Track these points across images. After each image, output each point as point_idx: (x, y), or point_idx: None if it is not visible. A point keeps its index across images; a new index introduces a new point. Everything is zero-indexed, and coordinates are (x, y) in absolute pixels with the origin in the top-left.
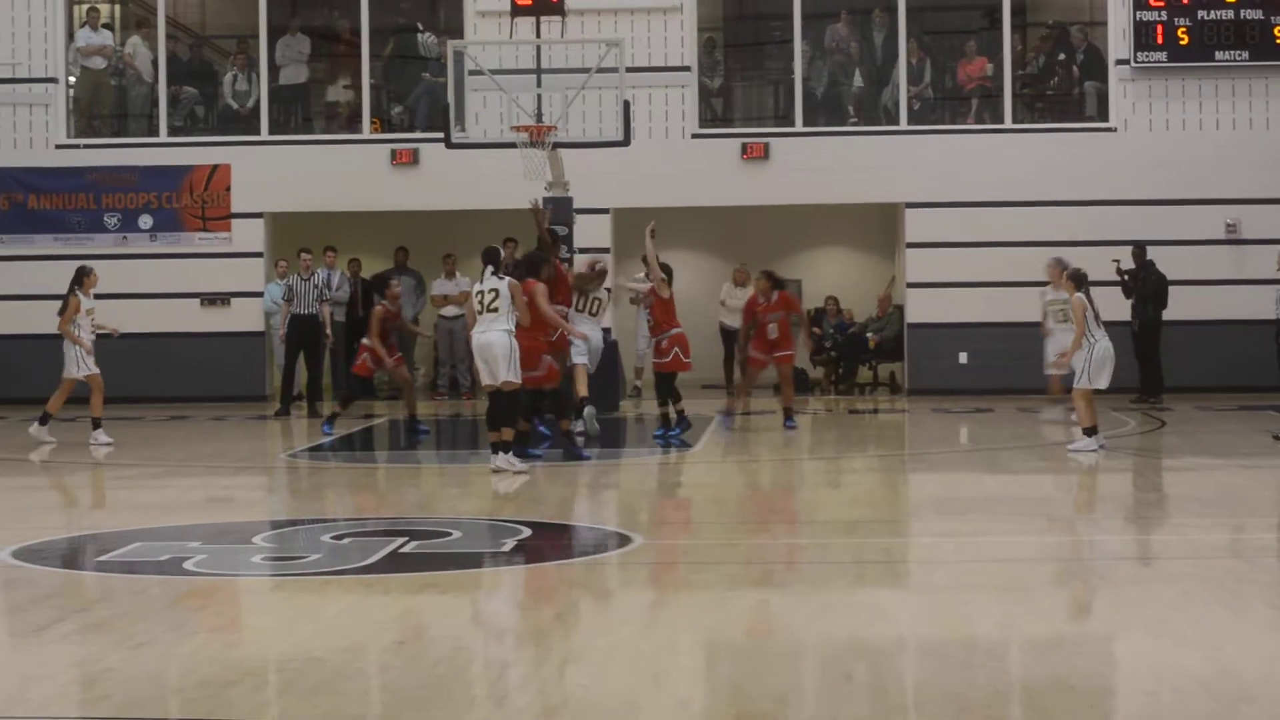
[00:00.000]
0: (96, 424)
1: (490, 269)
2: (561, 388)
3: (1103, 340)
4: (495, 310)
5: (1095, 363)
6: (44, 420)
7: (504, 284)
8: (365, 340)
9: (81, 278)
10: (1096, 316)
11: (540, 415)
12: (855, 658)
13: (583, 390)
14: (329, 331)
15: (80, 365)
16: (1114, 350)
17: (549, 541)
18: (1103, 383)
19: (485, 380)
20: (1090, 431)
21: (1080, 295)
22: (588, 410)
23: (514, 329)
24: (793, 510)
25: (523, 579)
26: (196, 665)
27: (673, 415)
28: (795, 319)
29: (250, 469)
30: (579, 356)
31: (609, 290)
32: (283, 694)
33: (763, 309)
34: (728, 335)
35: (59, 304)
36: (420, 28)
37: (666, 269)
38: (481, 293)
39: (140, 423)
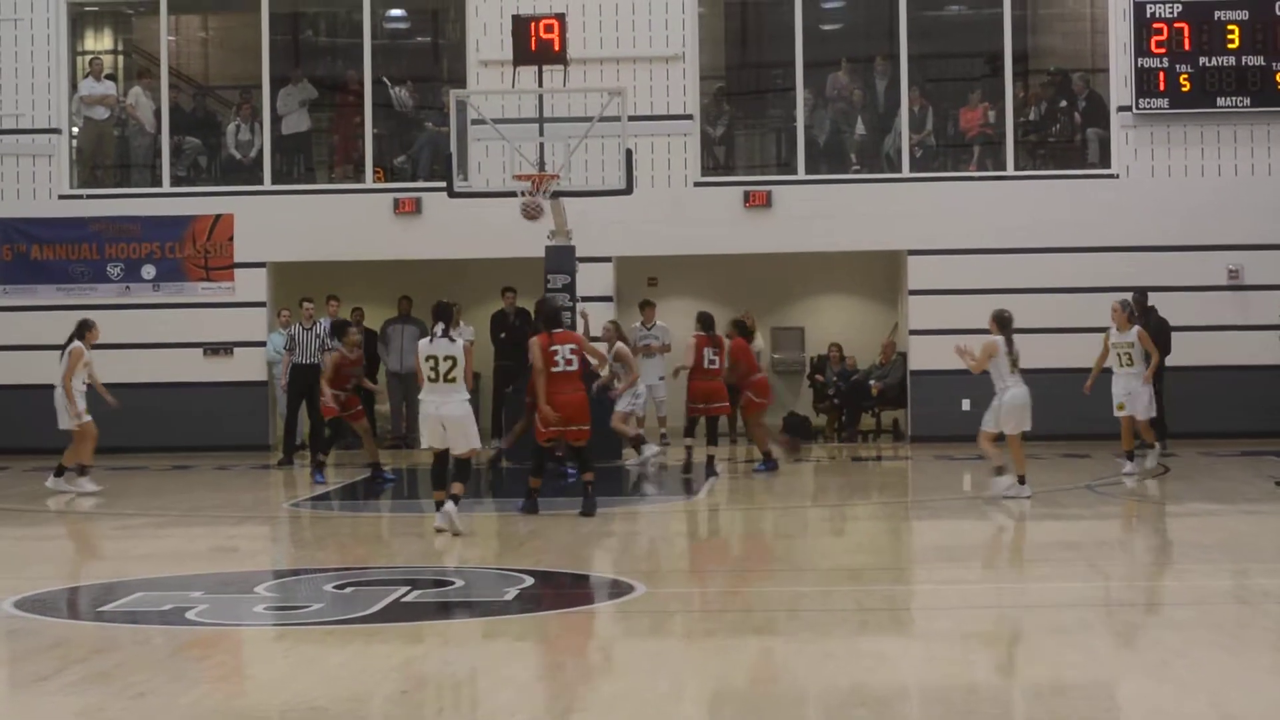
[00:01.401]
0: (83, 470)
1: (441, 327)
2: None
3: (1015, 388)
4: (453, 380)
5: (1005, 409)
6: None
7: (459, 348)
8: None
9: (84, 331)
10: (1014, 363)
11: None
12: (858, 705)
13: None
14: None
15: (69, 416)
16: (1030, 397)
17: (552, 590)
18: (1010, 428)
19: (433, 444)
20: (1000, 471)
21: (998, 339)
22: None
23: (469, 398)
24: (795, 558)
25: (525, 628)
26: (198, 716)
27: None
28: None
29: (253, 519)
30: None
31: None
32: None
33: None
34: None
35: (60, 354)
36: (388, 82)
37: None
38: (435, 359)
39: (143, 472)
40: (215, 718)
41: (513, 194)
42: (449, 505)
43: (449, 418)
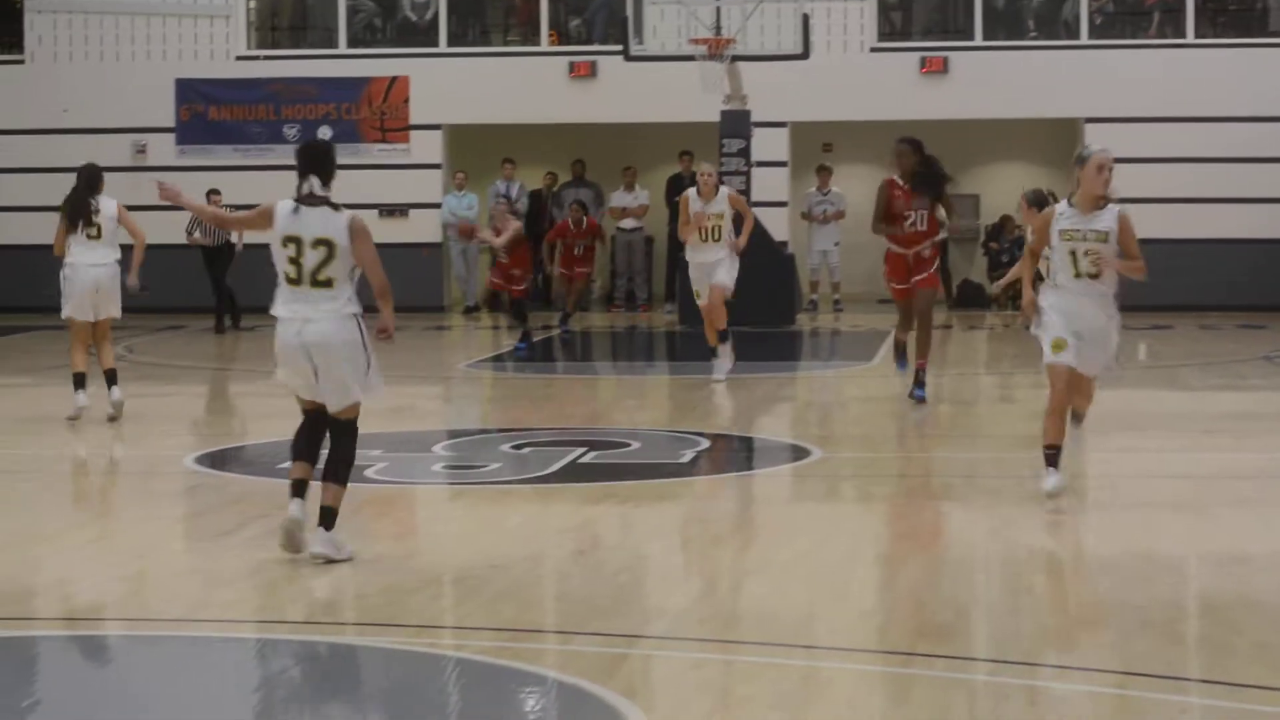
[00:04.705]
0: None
1: (314, 183)
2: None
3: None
4: (327, 283)
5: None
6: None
7: (342, 224)
8: None
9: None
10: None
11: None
12: (1035, 571)
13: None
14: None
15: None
16: None
17: (728, 453)
18: None
19: (295, 388)
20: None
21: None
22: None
23: (360, 310)
24: (970, 424)
25: (702, 490)
26: (379, 572)
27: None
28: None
29: (429, 379)
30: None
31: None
32: (464, 601)
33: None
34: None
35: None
36: None
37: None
38: (298, 242)
39: None
40: (395, 575)
41: (689, 58)
42: (320, 537)
43: (318, 345)
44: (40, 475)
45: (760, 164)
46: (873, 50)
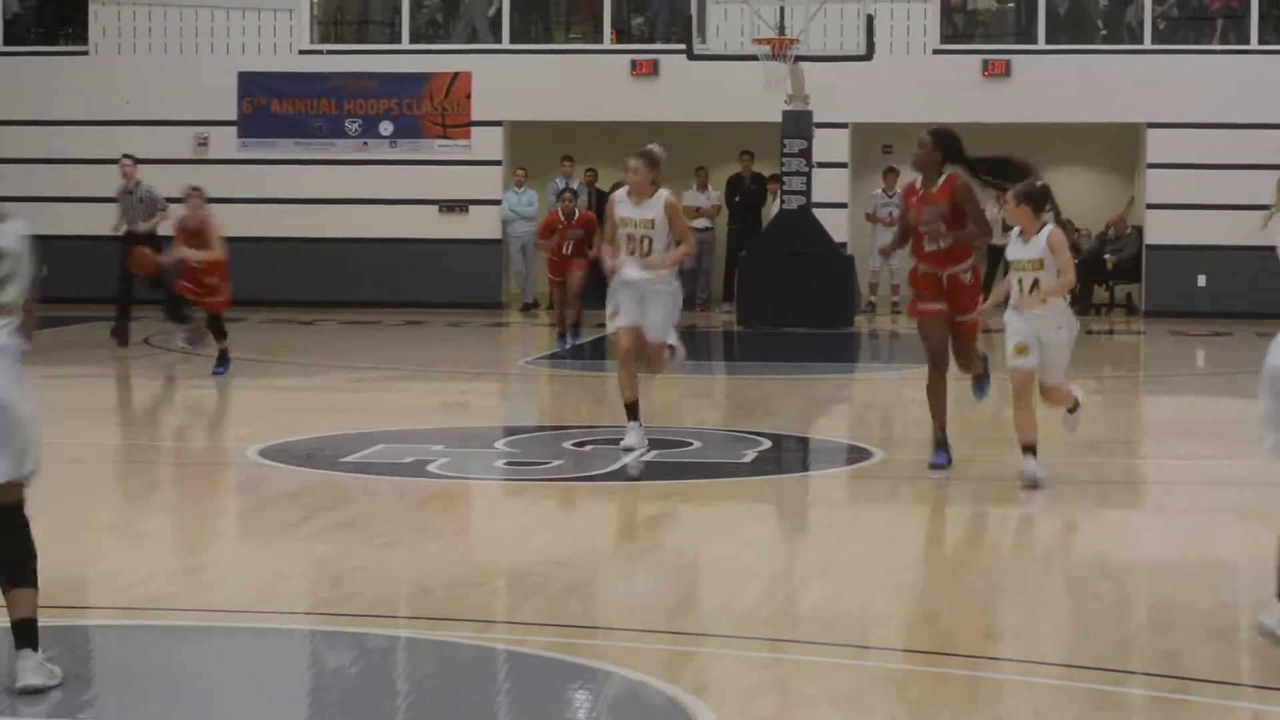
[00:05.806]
0: None
1: None
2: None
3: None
4: None
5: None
6: None
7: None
8: None
9: None
10: None
11: None
12: (1100, 576)
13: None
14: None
15: None
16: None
17: (789, 454)
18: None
19: None
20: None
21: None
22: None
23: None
24: None
25: (764, 490)
26: (443, 566)
27: None
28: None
29: (488, 375)
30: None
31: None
32: (530, 597)
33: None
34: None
35: (297, 208)
36: None
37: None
38: None
39: (378, 327)
40: (460, 569)
41: (752, 57)
42: (30, 664)
43: None
44: (101, 466)
45: (821, 165)
46: (935, 52)
